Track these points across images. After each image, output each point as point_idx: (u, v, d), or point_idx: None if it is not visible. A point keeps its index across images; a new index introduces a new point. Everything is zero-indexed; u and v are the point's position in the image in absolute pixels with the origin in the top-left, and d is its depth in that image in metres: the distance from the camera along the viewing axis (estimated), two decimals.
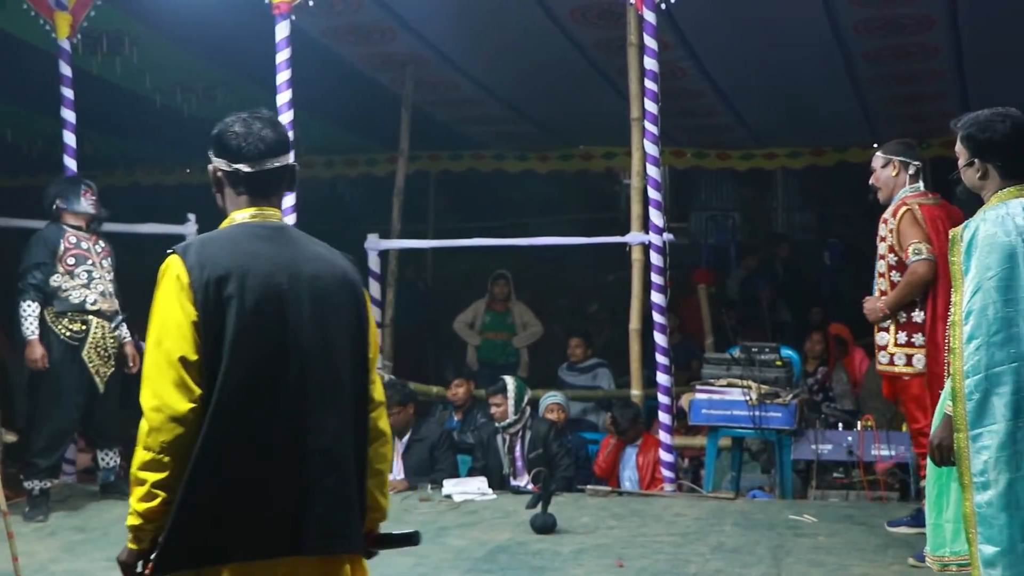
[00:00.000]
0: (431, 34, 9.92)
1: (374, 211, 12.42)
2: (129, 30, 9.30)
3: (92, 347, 7.35)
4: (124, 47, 9.50)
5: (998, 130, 4.10)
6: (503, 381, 8.20)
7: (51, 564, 6.00)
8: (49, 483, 7.29)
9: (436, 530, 6.63)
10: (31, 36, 8.77)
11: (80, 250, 7.36)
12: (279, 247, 3.15)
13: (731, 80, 11.23)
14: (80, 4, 8.16)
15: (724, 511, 7.03)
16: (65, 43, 8.21)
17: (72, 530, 6.80)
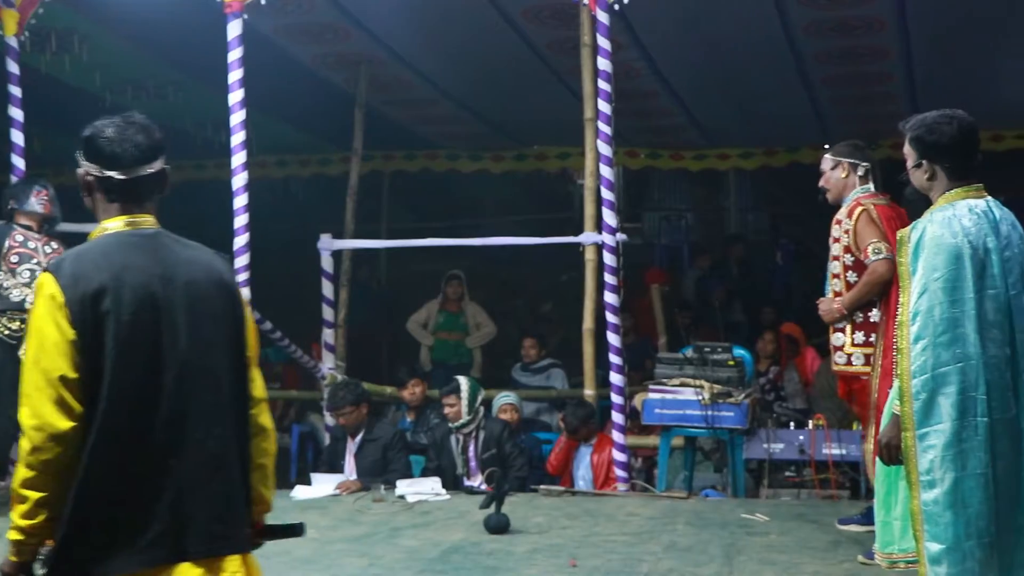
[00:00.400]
0: (384, 34, 9.90)
1: (327, 211, 12.37)
2: (78, 27, 9.21)
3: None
4: (73, 45, 9.40)
5: (945, 132, 4.15)
6: (457, 382, 8.20)
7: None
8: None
9: (389, 531, 6.62)
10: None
11: (26, 249, 7.29)
12: (153, 255, 3.16)
13: (684, 81, 11.27)
14: (28, 1, 8.08)
15: (677, 510, 7.07)
16: (13, 40, 8.13)
17: None
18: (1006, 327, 4.01)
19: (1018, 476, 4.03)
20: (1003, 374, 3.99)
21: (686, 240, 17.11)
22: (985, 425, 3.94)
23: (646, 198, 18.31)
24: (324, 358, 9.39)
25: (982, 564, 3.94)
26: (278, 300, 10.25)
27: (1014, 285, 4.04)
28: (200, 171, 14.39)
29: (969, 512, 3.93)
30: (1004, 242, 4.06)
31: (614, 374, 7.79)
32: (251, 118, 8.00)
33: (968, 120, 4.19)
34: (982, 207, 4.11)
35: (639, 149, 14.26)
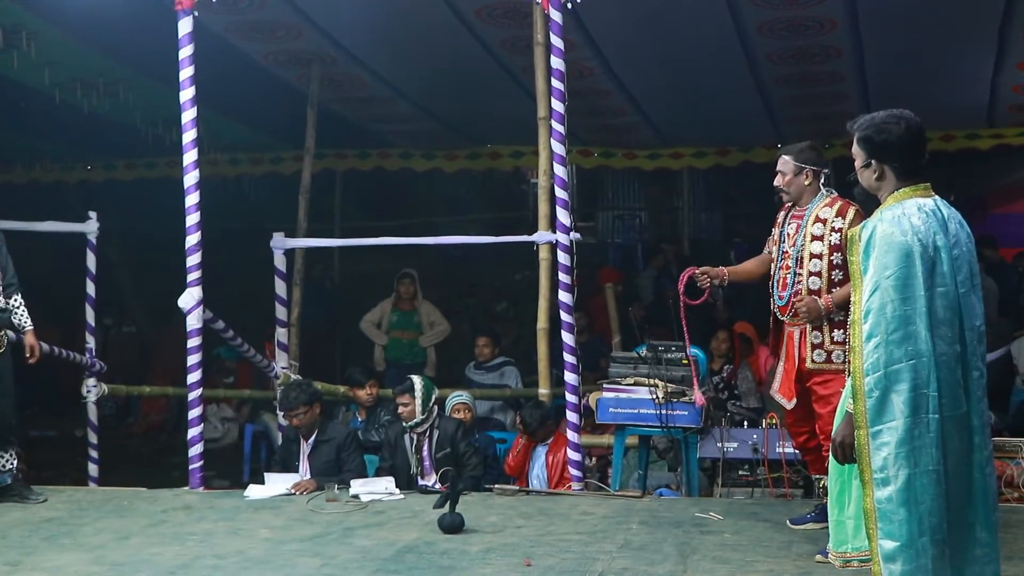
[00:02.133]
0: (337, 31, 9.85)
1: (280, 209, 12.32)
2: (26, 24, 9.09)
3: None
4: (21, 41, 9.28)
5: (893, 132, 4.19)
6: (410, 380, 8.17)
7: None
8: None
9: (343, 530, 6.59)
10: None
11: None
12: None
13: (637, 80, 11.31)
14: None
15: (631, 509, 7.07)
16: None
17: None
18: (956, 324, 4.06)
19: (969, 473, 4.07)
20: (953, 371, 4.03)
21: (640, 239, 17.17)
22: (936, 422, 3.98)
23: (600, 197, 18.37)
24: (277, 357, 9.33)
25: (935, 561, 3.97)
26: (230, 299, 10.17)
27: (963, 283, 4.09)
28: (151, 169, 14.30)
29: (922, 509, 3.96)
30: (952, 240, 4.10)
31: (569, 373, 7.78)
32: (203, 116, 7.93)
33: (916, 120, 4.23)
34: (930, 206, 4.15)
35: (593, 148, 14.30)
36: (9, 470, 7.48)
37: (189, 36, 7.77)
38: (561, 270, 7.83)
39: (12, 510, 7.23)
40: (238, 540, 6.42)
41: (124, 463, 10.36)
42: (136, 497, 7.69)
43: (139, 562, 5.96)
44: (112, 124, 12.19)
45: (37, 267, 7.58)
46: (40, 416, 13.25)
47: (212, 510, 7.21)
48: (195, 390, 7.94)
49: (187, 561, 5.97)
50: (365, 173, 14.98)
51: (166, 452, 12.16)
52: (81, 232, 8.90)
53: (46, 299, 12.38)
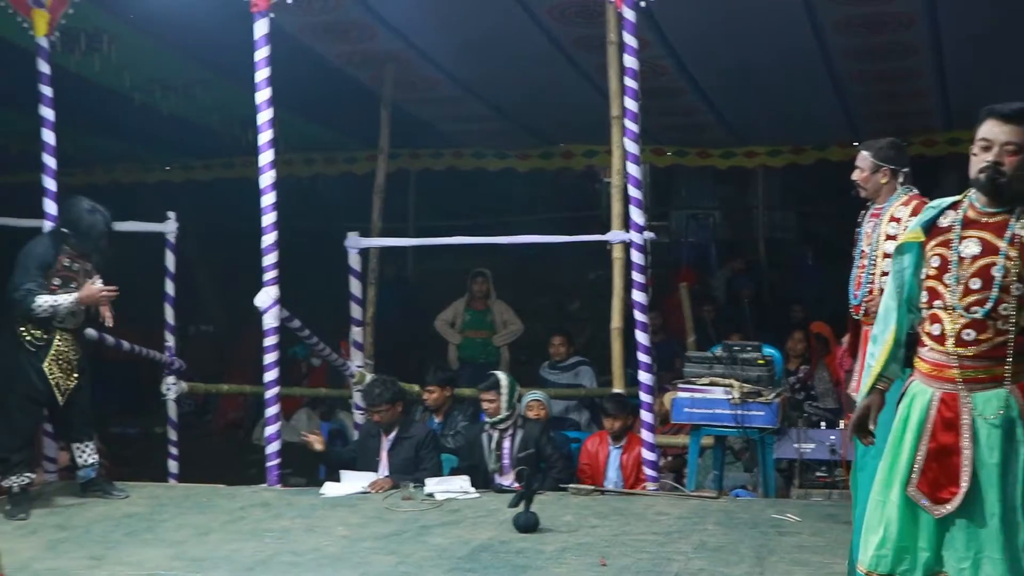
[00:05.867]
0: (410, 32, 9.89)
1: (354, 209, 12.39)
2: (107, 28, 9.25)
3: (53, 359, 7.31)
4: (103, 44, 9.44)
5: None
6: (496, 377, 8.17)
7: (33, 562, 5.96)
8: (28, 479, 7.25)
9: (418, 528, 6.62)
10: (9, 33, 8.70)
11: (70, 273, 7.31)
12: None
13: (711, 78, 11.24)
14: (58, 1, 8.10)
15: (706, 510, 7.04)
16: (43, 41, 8.15)
17: (54, 528, 6.76)
18: None
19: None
20: None
21: (713, 239, 17.07)
22: None
23: (673, 196, 18.27)
24: (352, 356, 9.39)
25: None
26: (306, 298, 10.26)
27: None
28: (228, 169, 14.46)
29: None
30: None
31: (643, 373, 7.75)
32: (278, 116, 8.00)
33: None
34: None
35: (666, 147, 14.25)
36: (92, 464, 7.59)
37: (265, 38, 7.84)
38: (635, 269, 7.80)
39: (96, 505, 7.35)
40: (315, 537, 6.48)
41: (203, 460, 10.47)
42: (215, 494, 7.79)
43: (218, 558, 6.04)
44: (190, 125, 12.36)
45: (117, 267, 7.69)
46: (121, 413, 13.46)
47: (289, 507, 7.28)
48: (272, 388, 8.02)
49: (265, 558, 6.03)
50: (438, 173, 15.04)
51: (244, 449, 12.28)
52: (160, 232, 9.02)
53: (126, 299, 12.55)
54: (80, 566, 5.92)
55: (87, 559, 6.06)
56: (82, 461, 7.58)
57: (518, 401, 8.18)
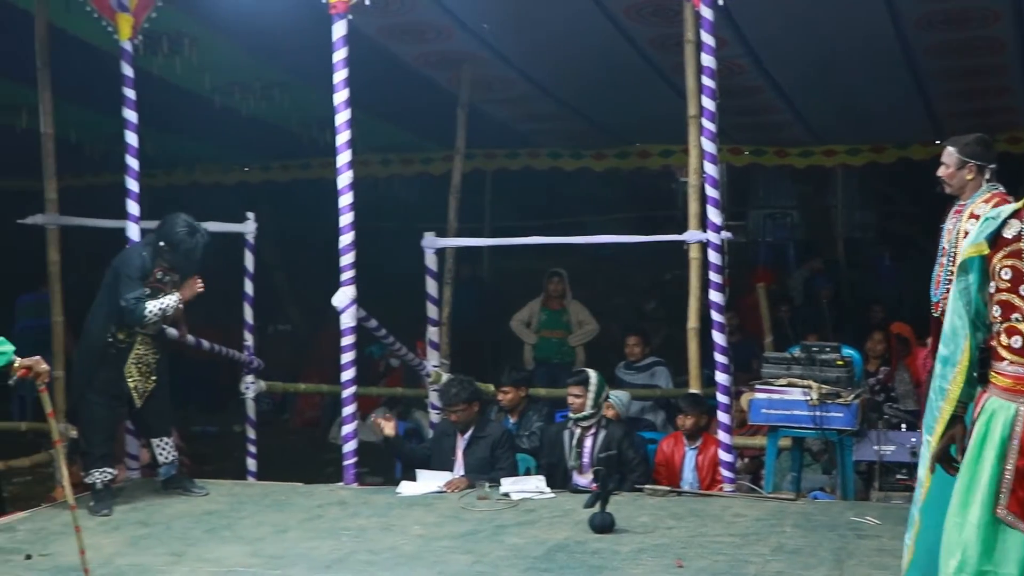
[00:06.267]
0: (487, 32, 9.91)
1: (430, 209, 12.44)
2: (189, 31, 9.39)
3: (133, 363, 7.43)
4: (184, 47, 9.59)
5: None
6: (586, 373, 8.15)
7: (116, 558, 6.07)
8: (111, 476, 7.37)
9: (494, 528, 6.63)
10: (94, 38, 8.87)
11: (160, 284, 7.43)
12: None
13: (789, 76, 11.13)
14: (141, 5, 8.23)
15: (784, 512, 6.97)
16: (127, 44, 8.27)
17: (136, 524, 6.87)
18: None
19: None
20: None
21: (791, 238, 16.92)
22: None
23: (750, 196, 18.14)
24: (428, 356, 9.43)
25: None
26: (382, 298, 10.32)
27: None
28: (306, 170, 14.61)
29: None
30: None
31: (720, 373, 7.70)
32: (355, 117, 8.04)
33: None
34: None
35: (743, 146, 14.14)
36: (172, 461, 7.70)
37: (343, 39, 7.89)
38: (712, 269, 7.74)
39: (176, 502, 7.45)
40: (391, 536, 6.51)
41: (280, 458, 10.58)
42: (293, 492, 7.86)
43: (296, 556, 6.09)
44: (268, 127, 12.50)
45: (198, 267, 7.79)
46: (201, 412, 13.64)
47: (366, 506, 7.33)
48: (349, 388, 8.07)
49: (342, 556, 6.07)
50: (514, 173, 15.06)
51: (321, 448, 12.39)
52: (239, 232, 9.12)
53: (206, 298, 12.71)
54: (161, 562, 6.01)
55: (168, 555, 6.14)
56: (163, 458, 7.70)
57: (604, 400, 8.15)
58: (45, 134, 8.73)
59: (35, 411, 11.83)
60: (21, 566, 5.98)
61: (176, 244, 7.40)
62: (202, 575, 5.80)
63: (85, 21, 8.36)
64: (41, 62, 8.61)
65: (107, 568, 5.85)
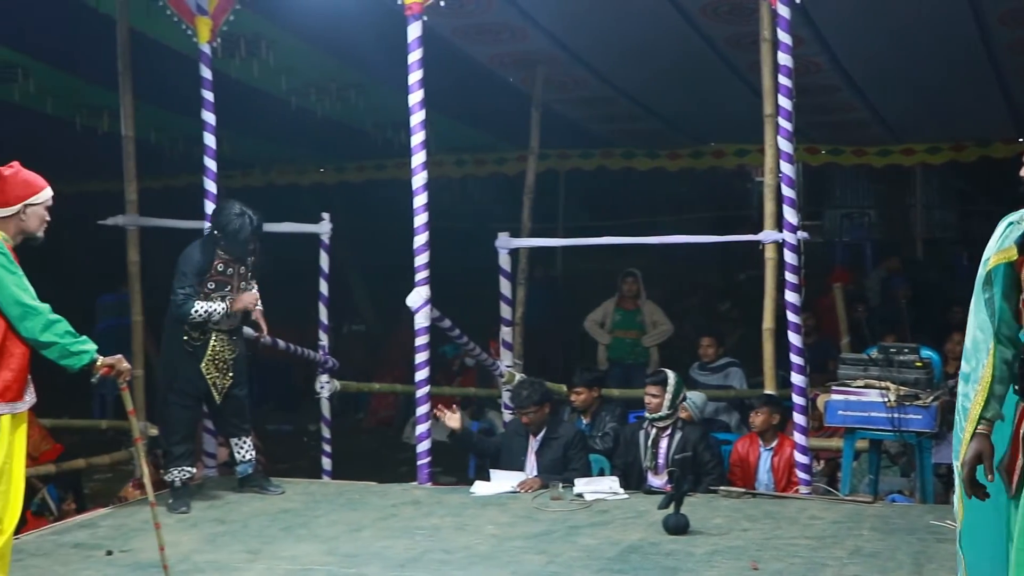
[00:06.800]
0: (561, 32, 9.91)
1: (504, 210, 12.48)
2: (266, 33, 9.49)
3: (210, 360, 7.48)
4: (261, 50, 9.70)
5: None
6: (664, 373, 8.11)
7: (194, 554, 6.14)
8: (189, 475, 7.46)
9: (568, 529, 6.62)
10: (174, 41, 9.00)
11: (223, 276, 7.46)
12: None
13: (868, 74, 11.01)
14: (220, 9, 8.33)
15: (862, 515, 6.89)
16: (205, 47, 8.38)
17: (213, 522, 6.95)
18: None
19: None
20: None
21: (868, 238, 16.73)
22: None
23: (827, 195, 17.97)
24: (502, 356, 9.44)
25: None
26: (456, 298, 10.36)
27: None
28: (380, 171, 14.71)
29: None
30: None
31: (795, 374, 7.62)
32: (429, 118, 8.08)
33: None
34: None
35: (820, 145, 14.01)
36: (249, 460, 7.76)
37: (418, 40, 7.92)
38: (788, 270, 7.67)
39: (253, 500, 7.53)
40: (465, 535, 6.52)
41: (354, 458, 10.66)
42: (367, 491, 7.91)
43: (370, 554, 6.13)
44: (344, 128, 12.61)
45: (274, 267, 7.87)
46: (277, 411, 13.79)
47: (439, 505, 7.35)
48: (423, 387, 8.10)
49: (416, 555, 6.10)
50: (588, 173, 15.05)
51: (395, 447, 12.46)
52: (315, 233, 9.19)
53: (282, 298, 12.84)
54: (238, 559, 6.08)
55: (245, 553, 6.21)
56: (240, 456, 7.76)
57: (681, 402, 8.11)
58: (126, 137, 8.88)
59: (115, 409, 12.04)
60: (102, 562, 6.08)
61: (224, 228, 7.39)
62: (278, 573, 5.86)
63: (165, 25, 8.49)
64: (123, 66, 8.76)
65: (185, 564, 5.93)
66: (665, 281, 14.34)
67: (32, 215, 5.19)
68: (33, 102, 10.70)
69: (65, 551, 6.29)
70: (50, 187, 5.28)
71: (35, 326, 5.02)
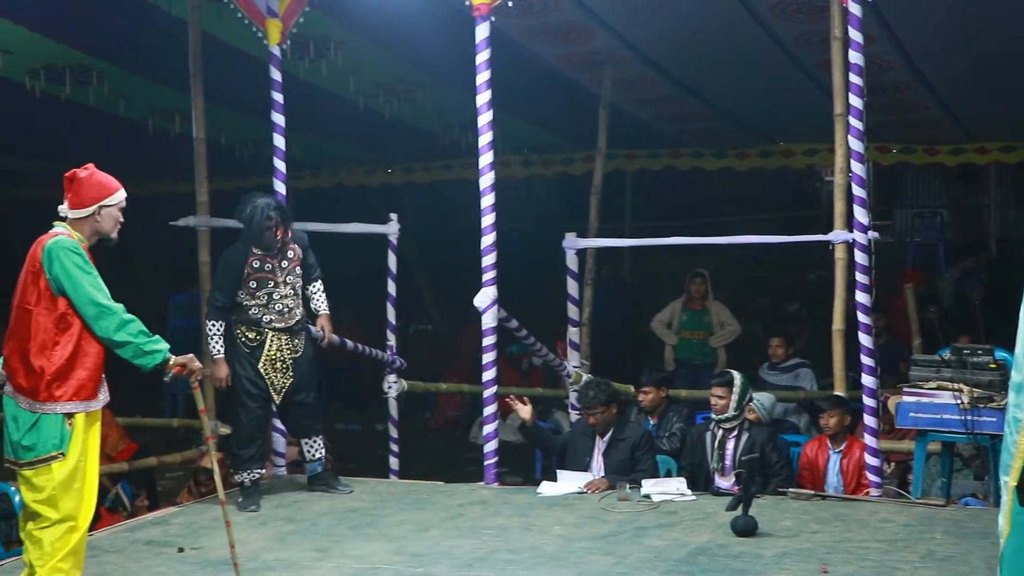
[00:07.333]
0: (629, 32, 9.89)
1: (571, 210, 12.47)
2: (335, 35, 9.56)
3: (268, 360, 7.50)
4: (330, 51, 9.77)
5: None
6: (730, 375, 8.06)
7: (263, 553, 6.20)
8: (258, 474, 7.52)
9: (635, 530, 6.60)
10: (244, 43, 9.09)
11: (263, 273, 7.46)
12: None
13: (941, 72, 10.86)
14: (290, 11, 8.40)
15: (934, 518, 6.80)
16: (276, 49, 8.45)
17: (282, 520, 7.01)
18: None
19: None
20: None
21: (941, 238, 16.52)
22: None
23: (898, 195, 17.77)
24: (569, 356, 9.43)
25: None
26: (523, 298, 10.38)
27: None
28: (447, 171, 14.75)
29: None
30: None
31: (866, 376, 7.54)
32: (496, 118, 8.08)
33: None
34: None
35: (891, 144, 13.85)
36: (319, 459, 7.78)
37: (486, 41, 7.93)
38: (858, 270, 7.60)
39: (321, 499, 7.58)
40: (532, 536, 6.53)
41: (422, 457, 10.71)
42: (434, 491, 7.93)
43: (438, 554, 6.15)
44: (411, 128, 12.66)
45: (342, 267, 7.91)
46: (345, 410, 13.88)
47: (506, 505, 7.36)
48: (490, 388, 8.11)
49: (483, 555, 6.11)
50: (655, 173, 15.00)
51: (461, 447, 12.50)
52: (383, 233, 9.23)
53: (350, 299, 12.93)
54: (307, 558, 6.13)
55: (314, 551, 6.26)
56: (310, 456, 7.77)
57: (748, 403, 8.06)
58: (197, 138, 8.99)
59: (187, 408, 12.19)
60: (174, 559, 6.16)
61: (246, 223, 7.44)
62: (347, 571, 5.90)
63: (236, 27, 8.57)
64: (194, 68, 8.88)
65: (255, 562, 5.98)
66: (733, 281, 14.25)
67: (107, 216, 5.27)
68: (107, 105, 10.87)
69: (138, 548, 6.38)
70: (123, 189, 5.34)
71: (109, 326, 5.09)
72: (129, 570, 5.96)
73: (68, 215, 5.23)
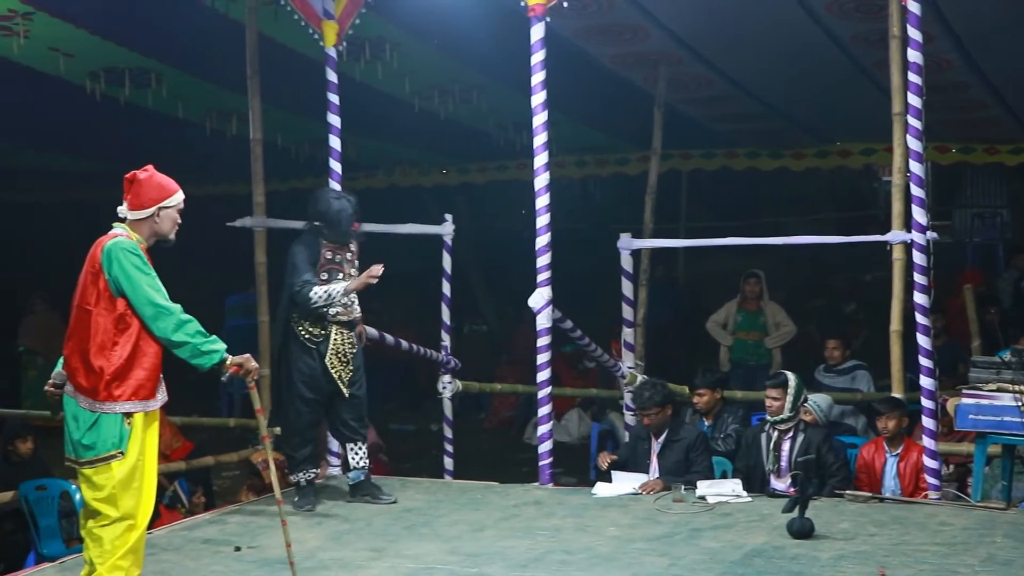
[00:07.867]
0: (684, 32, 9.84)
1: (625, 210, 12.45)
2: (390, 36, 9.60)
3: (334, 353, 7.47)
4: (385, 52, 9.81)
5: None
6: (785, 376, 8.02)
7: (319, 552, 6.24)
8: (313, 474, 7.55)
9: (690, 531, 6.57)
10: (300, 45, 9.16)
11: (334, 264, 7.48)
12: None
13: (1001, 72, 10.73)
14: (346, 13, 8.45)
15: (994, 522, 6.72)
16: (331, 51, 8.50)
17: (337, 520, 7.05)
18: None
19: None
20: None
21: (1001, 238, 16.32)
22: None
23: (956, 195, 17.57)
24: (624, 357, 9.40)
25: None
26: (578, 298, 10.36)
27: None
28: (502, 172, 14.76)
29: None
30: None
31: (924, 377, 7.47)
32: (551, 119, 8.08)
33: None
34: None
35: (950, 144, 13.69)
36: (363, 467, 7.64)
37: (541, 42, 7.92)
38: (916, 271, 7.52)
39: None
40: (586, 536, 6.52)
41: (476, 458, 10.73)
42: (488, 491, 7.94)
43: (492, 554, 6.16)
44: (466, 129, 12.69)
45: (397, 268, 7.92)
46: (399, 410, 13.93)
47: (561, 506, 7.36)
48: (544, 388, 8.10)
49: (538, 555, 6.11)
50: (710, 173, 14.92)
51: (515, 448, 12.51)
52: (438, 234, 9.24)
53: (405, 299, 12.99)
54: (362, 557, 6.16)
55: (369, 551, 6.29)
56: (354, 463, 7.65)
57: (803, 404, 8.00)
58: (254, 140, 9.06)
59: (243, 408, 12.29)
60: (231, 557, 6.21)
61: (324, 214, 7.42)
62: (401, 571, 5.92)
63: (292, 29, 8.64)
64: (251, 70, 8.95)
65: (311, 561, 6.02)
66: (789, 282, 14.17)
67: (165, 217, 5.32)
68: (165, 106, 10.99)
69: (195, 546, 6.44)
70: (181, 190, 5.39)
71: (167, 326, 5.14)
72: (187, 568, 6.02)
73: (127, 216, 5.28)
